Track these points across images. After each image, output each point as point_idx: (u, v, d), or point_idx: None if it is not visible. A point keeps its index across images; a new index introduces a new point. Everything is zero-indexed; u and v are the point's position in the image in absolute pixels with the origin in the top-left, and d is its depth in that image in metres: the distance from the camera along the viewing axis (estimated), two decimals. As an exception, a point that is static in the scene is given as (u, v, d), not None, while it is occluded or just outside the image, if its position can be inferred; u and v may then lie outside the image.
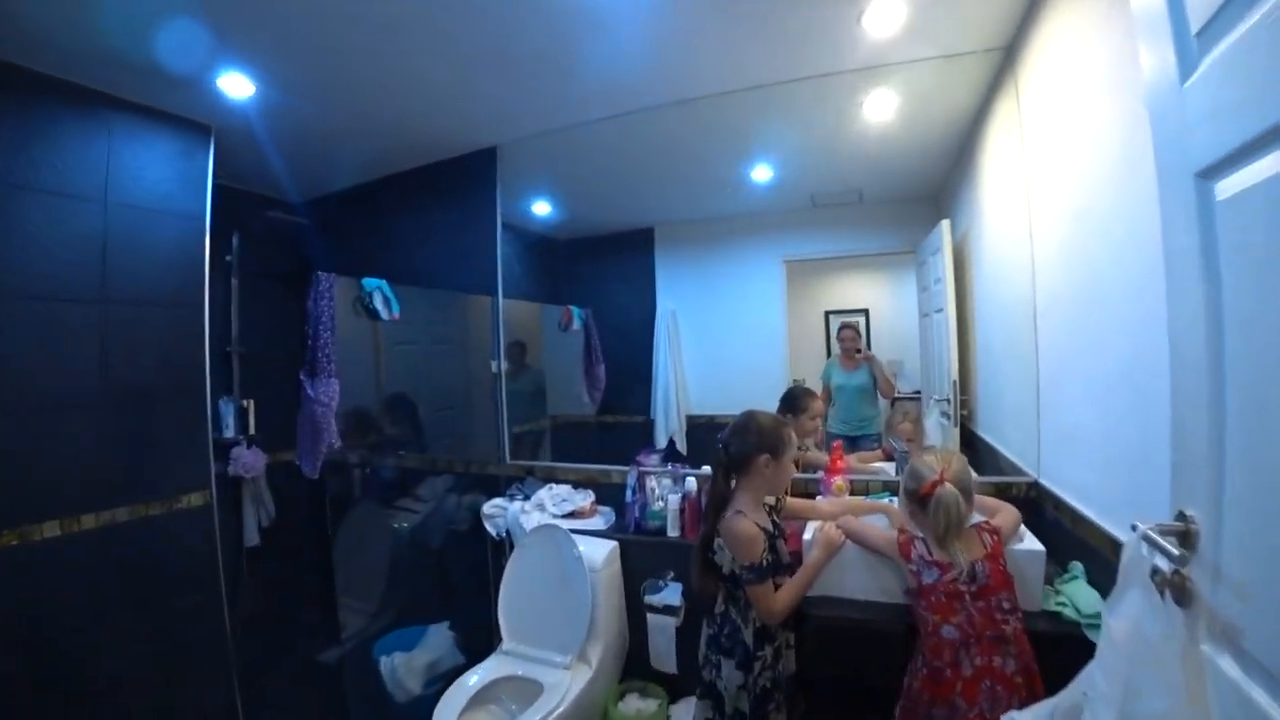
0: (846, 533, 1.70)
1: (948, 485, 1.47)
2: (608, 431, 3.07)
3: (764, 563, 1.59)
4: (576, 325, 3.04)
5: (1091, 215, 1.47)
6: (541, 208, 3.11)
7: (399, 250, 3.21)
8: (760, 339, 2.75)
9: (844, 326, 2.68)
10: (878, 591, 1.67)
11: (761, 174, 2.64)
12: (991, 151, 2.11)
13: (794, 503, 1.86)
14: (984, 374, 2.18)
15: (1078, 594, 1.48)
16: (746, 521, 1.61)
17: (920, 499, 1.51)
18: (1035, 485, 1.92)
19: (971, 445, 2.22)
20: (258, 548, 2.88)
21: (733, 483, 1.69)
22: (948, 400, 2.26)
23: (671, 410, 2.93)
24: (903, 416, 2.29)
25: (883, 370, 2.58)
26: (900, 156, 2.45)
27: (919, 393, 2.70)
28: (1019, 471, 2.00)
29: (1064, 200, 1.64)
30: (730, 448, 1.66)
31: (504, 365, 2.89)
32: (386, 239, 3.27)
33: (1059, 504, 1.73)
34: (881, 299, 2.83)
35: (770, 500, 1.75)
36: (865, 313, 2.92)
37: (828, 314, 2.71)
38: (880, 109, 2.28)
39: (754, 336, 2.76)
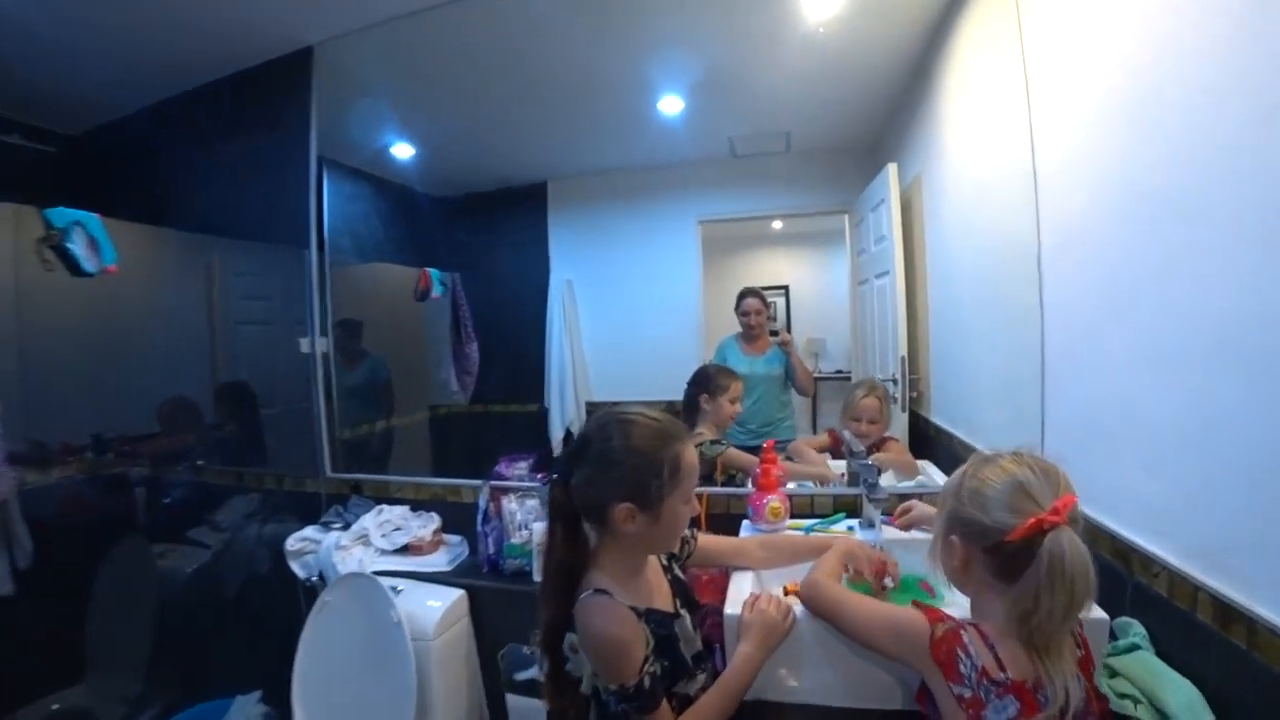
0: (809, 605, 1.10)
1: (1069, 531, 0.83)
2: (488, 425, 2.57)
3: (645, 683, 0.97)
4: (438, 293, 2.46)
5: (1158, 98, 1.05)
6: (402, 151, 2.52)
7: (189, 191, 2.51)
8: (671, 313, 2.38)
9: (748, 295, 2.27)
10: (850, 693, 1.09)
11: (671, 106, 2.20)
12: (963, 59, 1.74)
13: (708, 542, 1.28)
14: (940, 347, 1.84)
15: (1151, 678, 0.94)
16: (611, 612, 0.98)
17: (1008, 551, 0.84)
18: None
19: (922, 435, 1.88)
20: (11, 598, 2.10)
21: (590, 537, 1.07)
22: (894, 380, 1.92)
23: (568, 396, 2.49)
24: (867, 391, 1.90)
25: (801, 360, 2.24)
26: (836, 87, 2.07)
27: (844, 373, 2.41)
28: None
29: (1098, 90, 1.22)
30: (572, 481, 1.03)
31: (323, 345, 2.23)
32: (178, 176, 2.56)
33: (1088, 525, 1.31)
34: (803, 276, 2.57)
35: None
36: (785, 290, 2.63)
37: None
38: (817, 11, 1.89)
39: (664, 311, 2.38)
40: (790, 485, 1.75)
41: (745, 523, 1.59)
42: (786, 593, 1.28)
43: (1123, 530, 1.16)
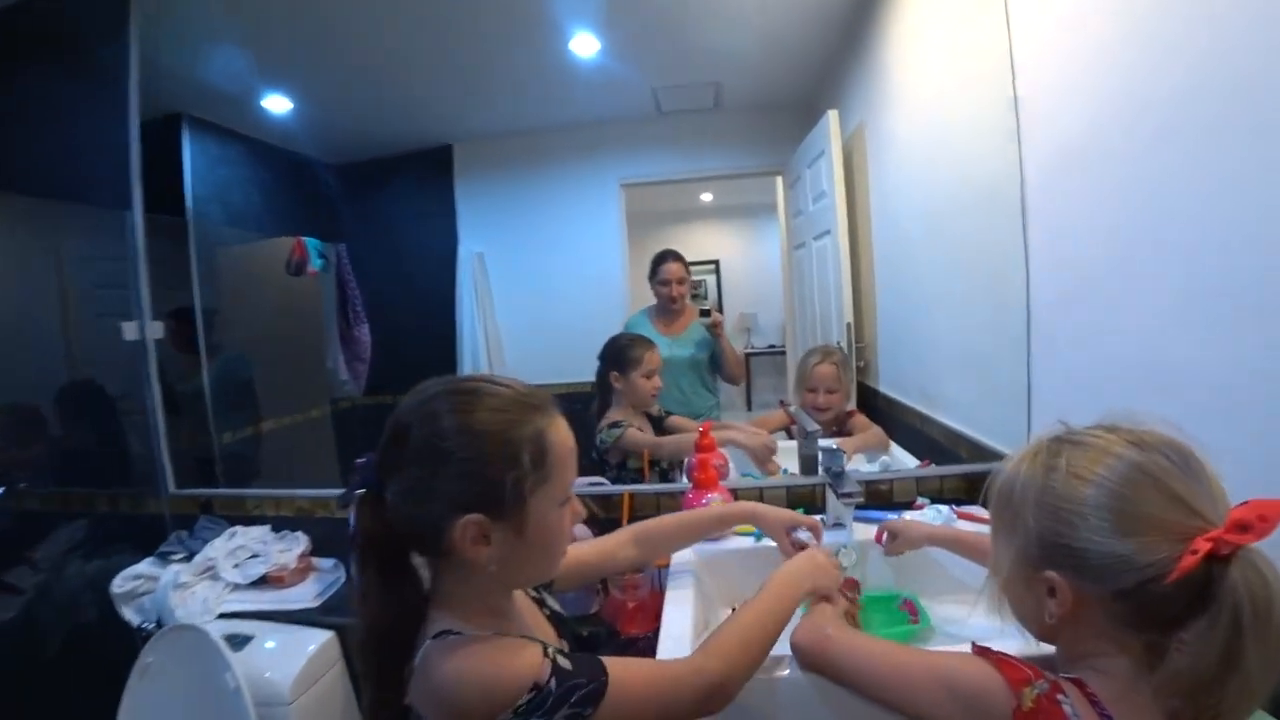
0: (811, 661, 0.79)
1: (1258, 553, 0.53)
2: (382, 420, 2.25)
3: (561, 663, 0.66)
4: (316, 267, 2.15)
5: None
6: (277, 105, 2.18)
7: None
8: (595, 288, 2.17)
9: (668, 258, 1.99)
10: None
11: (585, 46, 1.95)
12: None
13: (569, 555, 0.86)
14: (889, 312, 1.69)
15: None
16: (472, 645, 0.66)
17: (1157, 594, 0.55)
18: None
19: (871, 408, 1.72)
20: None
21: (424, 576, 0.74)
22: (839, 349, 1.76)
23: (483, 382, 2.21)
24: (821, 357, 1.70)
25: (731, 344, 2.01)
26: (769, 29, 1.88)
27: (777, 348, 2.29)
28: (978, 450, 1.43)
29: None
30: (388, 495, 0.70)
31: (155, 332, 1.82)
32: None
33: None
34: (734, 249, 2.46)
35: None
36: (716, 264, 2.48)
37: (674, 267, 2.21)
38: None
39: (586, 285, 2.17)
40: (733, 475, 1.53)
41: None
42: None
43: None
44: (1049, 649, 0.67)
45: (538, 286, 2.20)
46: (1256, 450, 0.78)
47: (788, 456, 1.57)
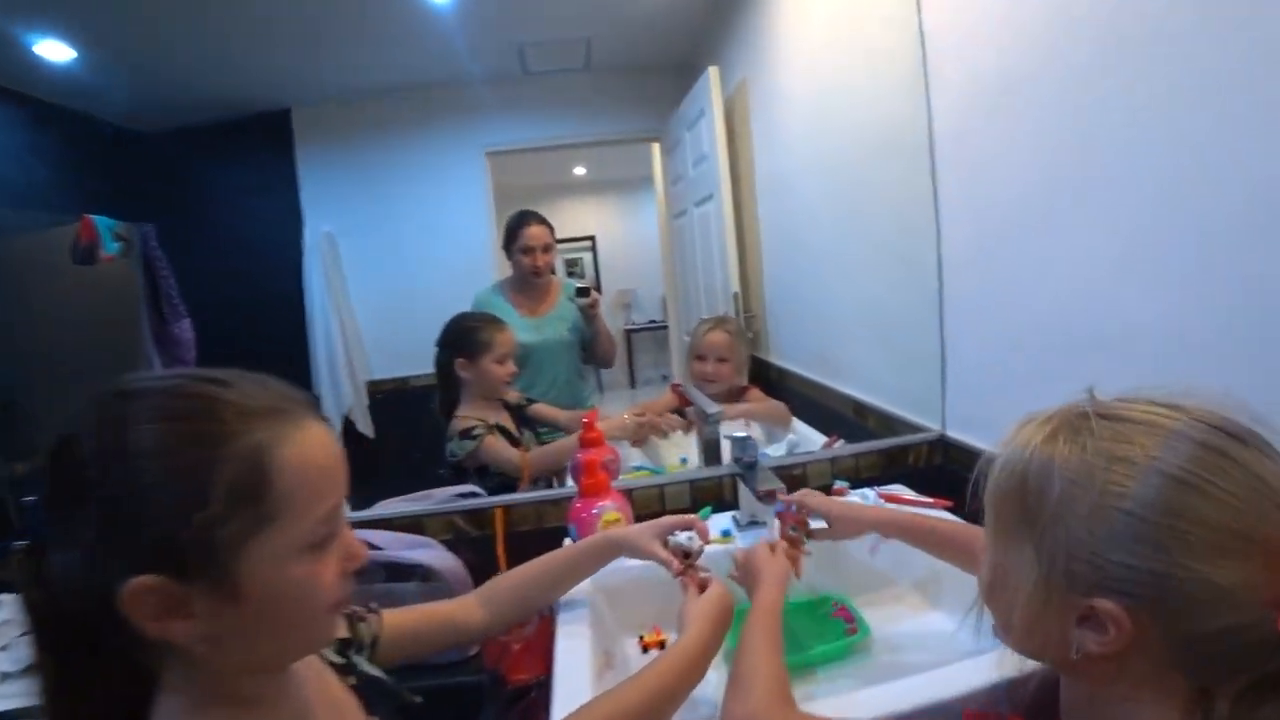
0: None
1: None
2: None
3: None
4: (111, 251, 1.78)
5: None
6: (54, 52, 1.78)
7: None
8: (461, 269, 1.98)
9: (530, 220, 1.69)
10: None
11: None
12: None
13: (399, 620, 0.78)
14: (778, 278, 1.63)
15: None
16: None
17: (1251, 642, 0.40)
18: (942, 442, 1.27)
19: (765, 382, 1.66)
20: None
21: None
22: (734, 320, 1.68)
23: (341, 378, 1.99)
24: (713, 325, 1.57)
25: (605, 326, 1.77)
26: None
27: (657, 323, 2.17)
28: (887, 421, 1.36)
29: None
30: (51, 548, 0.47)
31: None
32: None
33: None
34: (610, 225, 2.42)
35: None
36: (592, 241, 2.36)
37: (549, 242, 2.06)
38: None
39: (452, 266, 1.98)
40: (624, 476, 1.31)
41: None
42: (646, 647, 0.95)
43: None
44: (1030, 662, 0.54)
45: (397, 268, 1.98)
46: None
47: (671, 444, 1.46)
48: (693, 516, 0.88)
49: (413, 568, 1.00)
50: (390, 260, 1.97)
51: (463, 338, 1.46)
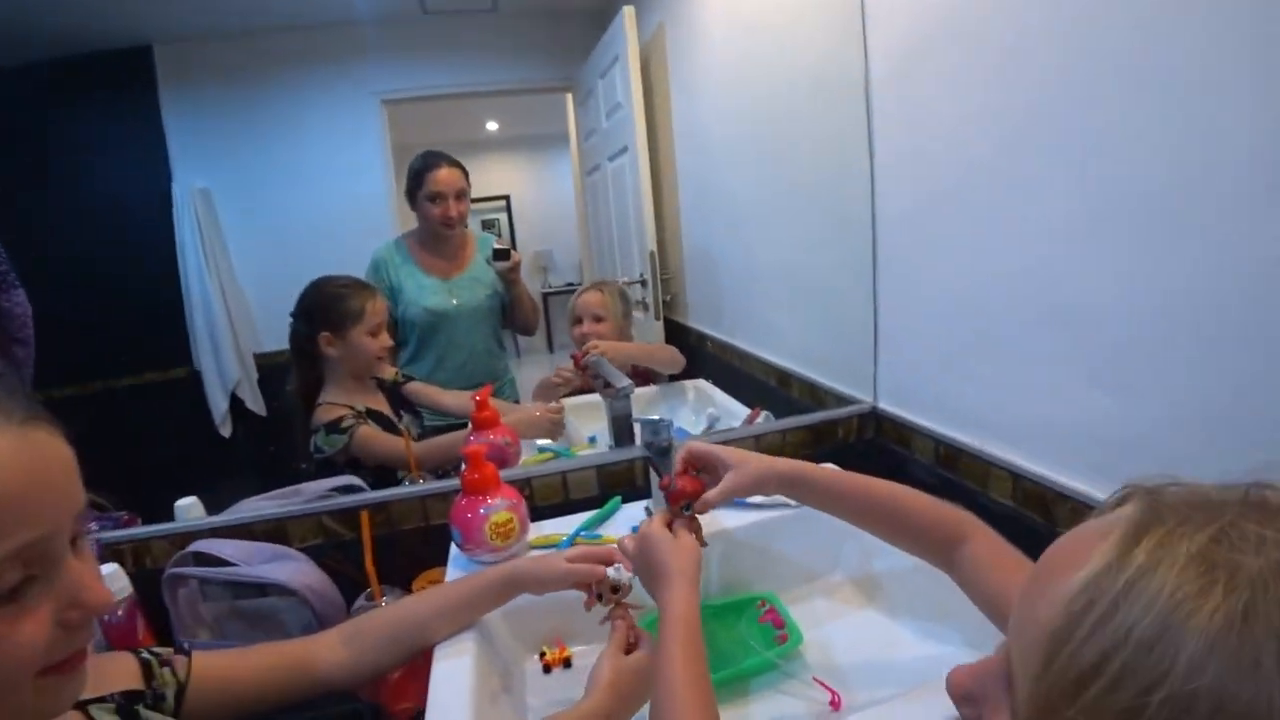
0: None
1: None
2: (120, 409, 1.76)
3: None
4: None
5: None
6: None
7: None
8: (357, 228, 1.80)
9: (439, 162, 1.47)
10: None
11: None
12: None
13: (216, 665, 0.64)
14: (697, 237, 1.55)
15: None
16: None
17: None
18: (874, 415, 1.20)
19: (682, 348, 1.58)
20: None
21: None
22: (641, 282, 1.60)
23: (226, 351, 1.81)
24: (589, 286, 1.45)
25: (527, 290, 1.59)
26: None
27: (575, 285, 2.09)
28: (814, 391, 1.29)
29: None
30: None
31: None
32: None
33: (975, 459, 0.95)
34: (525, 184, 2.24)
35: None
36: (506, 200, 2.26)
37: (461, 202, 1.92)
38: None
39: (346, 225, 1.79)
40: (522, 462, 1.15)
41: (453, 552, 0.93)
42: (548, 666, 0.84)
43: (1035, 466, 0.85)
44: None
45: (284, 229, 1.78)
46: (1188, 398, 0.65)
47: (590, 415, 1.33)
48: (611, 548, 0.76)
49: (264, 587, 0.84)
50: (276, 220, 1.78)
51: (327, 308, 1.25)
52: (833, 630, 0.87)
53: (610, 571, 0.72)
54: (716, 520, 0.96)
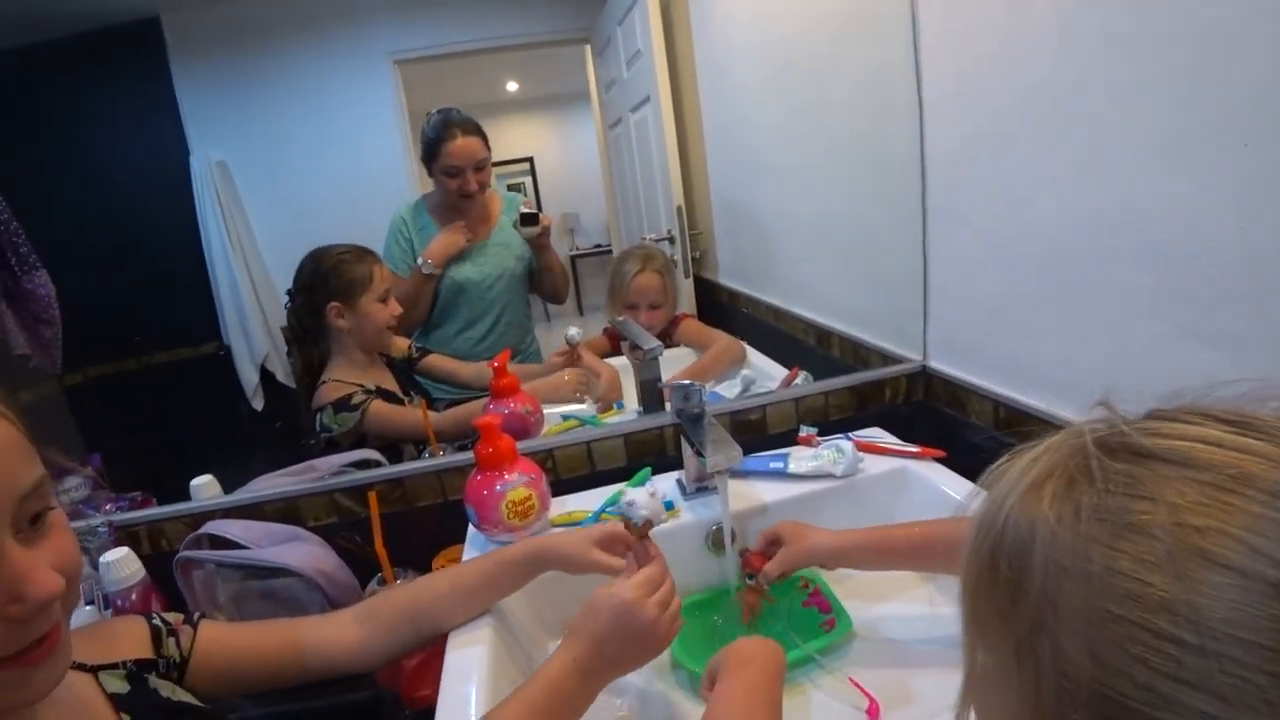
0: None
1: None
2: (154, 385, 1.75)
3: None
4: None
5: None
6: None
7: None
8: (372, 195, 1.74)
9: (450, 131, 1.35)
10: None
11: None
12: None
13: (228, 637, 0.63)
14: (729, 188, 1.45)
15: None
16: None
17: None
18: (924, 375, 1.11)
19: (713, 306, 1.50)
20: None
21: None
22: (669, 239, 1.51)
23: (254, 325, 1.78)
24: (640, 264, 1.31)
25: (557, 255, 1.49)
26: None
27: (603, 247, 2.07)
28: (856, 348, 1.20)
29: None
30: None
31: None
32: None
33: (1044, 423, 0.83)
34: (549, 145, 2.17)
35: None
36: (530, 162, 2.20)
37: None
38: None
39: (362, 191, 1.75)
40: (545, 432, 1.09)
41: (470, 531, 0.89)
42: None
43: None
44: None
45: (300, 199, 1.75)
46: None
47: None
48: (612, 527, 0.71)
49: (272, 573, 0.80)
50: (291, 189, 1.75)
51: (332, 277, 1.16)
52: (880, 614, 0.79)
53: (641, 508, 0.70)
54: (755, 494, 0.90)
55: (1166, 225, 0.66)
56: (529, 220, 1.40)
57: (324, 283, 1.17)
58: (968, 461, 0.89)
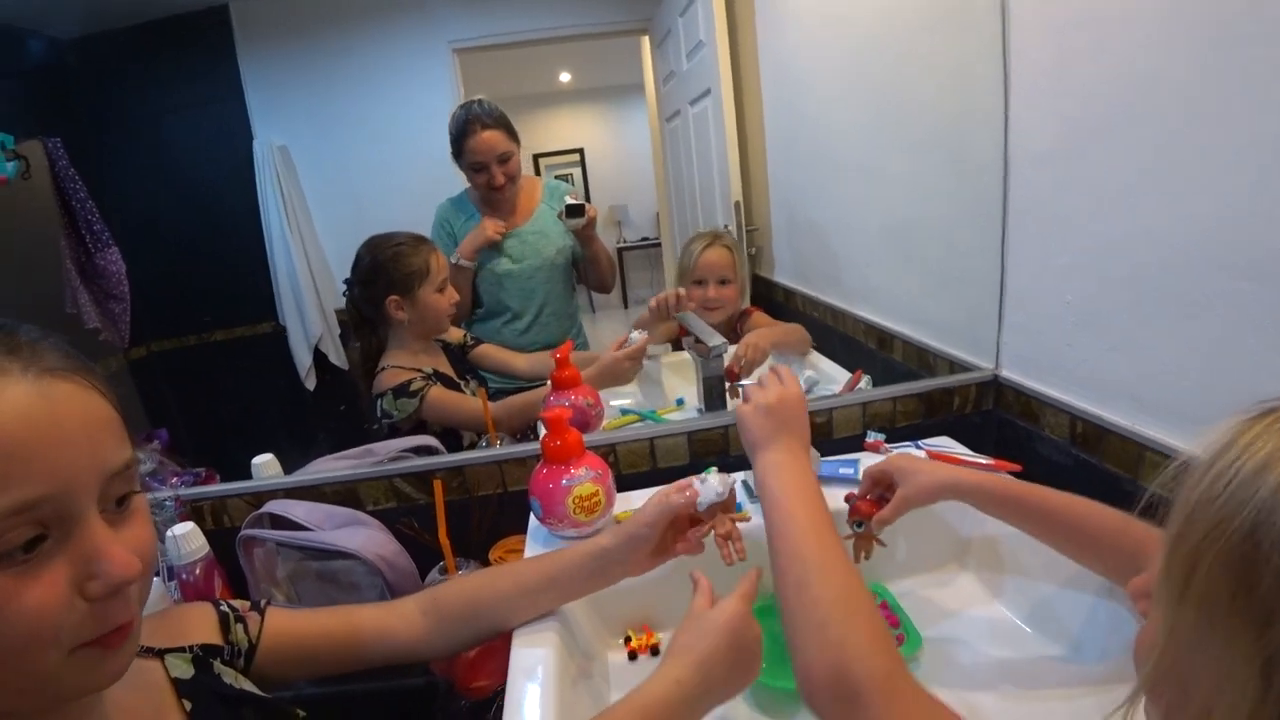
0: None
1: None
2: (214, 362, 1.83)
3: None
4: (5, 173, 1.54)
5: None
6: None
7: None
8: (428, 182, 1.70)
9: (471, 126, 1.36)
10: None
11: None
12: None
13: (297, 625, 0.64)
14: (789, 185, 1.42)
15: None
16: None
17: None
18: (995, 384, 1.07)
19: (770, 305, 1.46)
20: None
21: None
22: (728, 233, 1.49)
23: (309, 305, 1.82)
24: (709, 241, 1.30)
25: (604, 246, 1.47)
26: None
27: (651, 240, 2.07)
28: (921, 355, 1.16)
29: None
30: None
31: None
32: None
33: (1126, 440, 0.82)
34: (599, 137, 2.18)
35: None
36: (580, 154, 2.22)
37: (535, 158, 2.00)
38: None
39: (418, 178, 1.75)
40: (604, 426, 1.07)
41: (532, 524, 0.88)
42: (634, 653, 0.76)
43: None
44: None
45: (358, 185, 1.77)
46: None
47: (677, 374, 1.24)
48: (686, 483, 0.68)
49: (333, 555, 0.81)
50: (350, 175, 1.77)
51: (391, 268, 1.16)
52: (955, 633, 0.76)
53: (714, 489, 0.65)
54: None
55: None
56: (574, 212, 1.38)
57: (383, 275, 1.17)
58: (1041, 476, 0.85)
